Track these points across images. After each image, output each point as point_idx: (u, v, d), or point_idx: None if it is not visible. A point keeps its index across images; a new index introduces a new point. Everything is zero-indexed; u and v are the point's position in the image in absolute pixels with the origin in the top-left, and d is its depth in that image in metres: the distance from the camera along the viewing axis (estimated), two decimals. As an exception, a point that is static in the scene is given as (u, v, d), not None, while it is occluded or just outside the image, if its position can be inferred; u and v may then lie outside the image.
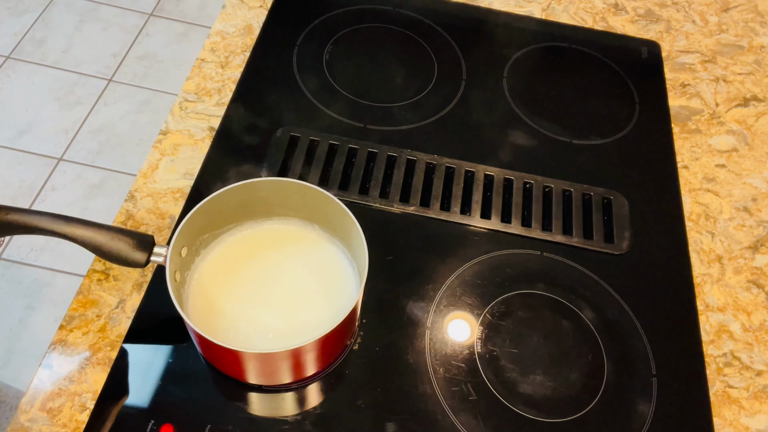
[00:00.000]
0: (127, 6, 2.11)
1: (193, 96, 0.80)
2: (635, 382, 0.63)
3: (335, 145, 0.76)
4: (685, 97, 0.89)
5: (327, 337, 0.52)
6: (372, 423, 0.58)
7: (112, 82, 1.92)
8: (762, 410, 0.63)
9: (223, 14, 0.90)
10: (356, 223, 0.57)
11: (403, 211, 0.72)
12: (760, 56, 0.96)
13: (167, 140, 0.75)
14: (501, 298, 0.67)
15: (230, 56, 0.85)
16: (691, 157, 0.83)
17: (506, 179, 0.76)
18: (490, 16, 0.96)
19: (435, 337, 0.63)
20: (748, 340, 0.68)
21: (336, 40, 0.89)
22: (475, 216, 0.73)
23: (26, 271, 1.54)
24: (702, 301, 0.70)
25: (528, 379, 0.62)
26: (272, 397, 0.58)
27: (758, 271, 0.73)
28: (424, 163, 0.76)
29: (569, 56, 0.92)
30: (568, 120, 0.84)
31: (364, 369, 0.61)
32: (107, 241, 0.53)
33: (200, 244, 0.61)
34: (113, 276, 0.64)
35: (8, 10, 2.04)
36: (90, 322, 0.61)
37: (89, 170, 1.73)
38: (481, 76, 0.88)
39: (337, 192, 0.72)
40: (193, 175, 0.72)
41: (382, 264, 0.66)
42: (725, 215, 0.77)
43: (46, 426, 0.55)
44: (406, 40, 0.90)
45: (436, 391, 0.60)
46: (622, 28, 0.97)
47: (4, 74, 1.89)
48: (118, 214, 0.68)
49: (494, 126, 0.83)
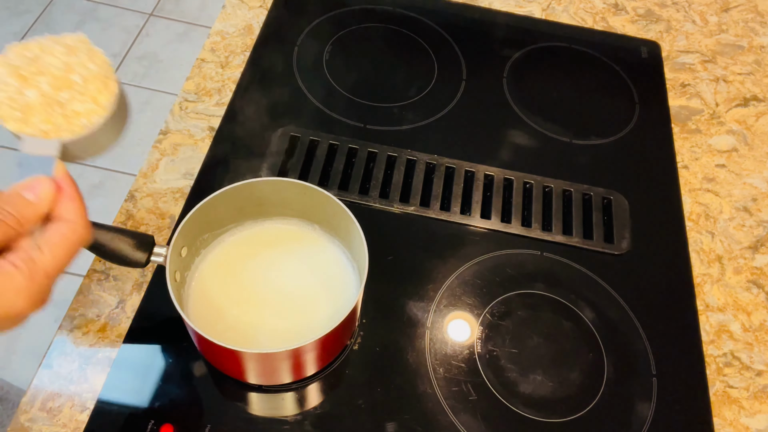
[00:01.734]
0: (127, 6, 2.11)
1: (193, 96, 0.80)
2: (635, 382, 0.63)
3: (335, 145, 0.76)
4: (685, 97, 0.89)
5: (327, 337, 0.52)
6: (372, 423, 0.58)
7: (112, 82, 1.92)
8: (762, 410, 0.63)
9: (223, 14, 0.90)
10: (356, 223, 0.57)
11: (403, 211, 0.72)
12: (760, 56, 0.96)
13: (167, 140, 0.75)
14: (501, 298, 0.67)
15: (230, 56, 0.85)
16: (691, 157, 0.83)
17: (506, 179, 0.76)
18: (490, 16, 0.96)
19: (435, 337, 0.63)
20: (748, 340, 0.68)
21: (336, 40, 0.89)
22: (475, 216, 0.73)
23: (26, 271, 1.53)
24: (702, 301, 0.70)
25: (528, 379, 0.62)
26: (272, 397, 0.58)
27: (758, 271, 0.73)
28: (424, 163, 0.76)
29: (569, 56, 0.92)
30: (568, 120, 0.84)
31: (364, 369, 0.61)
32: (107, 241, 0.53)
33: (200, 244, 0.61)
34: (113, 276, 0.64)
35: (8, 10, 2.04)
36: (90, 322, 0.61)
37: (89, 170, 1.73)
38: (481, 76, 0.88)
39: (337, 192, 0.72)
40: (193, 175, 0.72)
41: (382, 264, 0.66)
42: (725, 215, 0.77)
43: (46, 426, 0.55)
44: (406, 40, 0.90)
45: (436, 391, 0.60)
46: (622, 28, 0.97)
47: (4, 74, 1.89)
48: (118, 214, 0.68)
49: (494, 126, 0.83)
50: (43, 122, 0.41)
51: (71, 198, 0.41)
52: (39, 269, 0.38)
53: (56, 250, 0.39)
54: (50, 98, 0.41)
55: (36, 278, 0.38)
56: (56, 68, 0.42)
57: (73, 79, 0.42)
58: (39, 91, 0.41)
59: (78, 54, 0.42)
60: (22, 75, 0.41)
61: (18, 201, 0.40)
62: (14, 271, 0.37)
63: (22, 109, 0.41)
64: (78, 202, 0.42)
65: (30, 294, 0.38)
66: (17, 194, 0.40)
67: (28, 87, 0.41)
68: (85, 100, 0.42)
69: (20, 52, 0.42)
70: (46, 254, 0.39)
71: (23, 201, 0.40)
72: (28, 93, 0.41)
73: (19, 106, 0.41)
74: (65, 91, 0.41)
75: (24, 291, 0.38)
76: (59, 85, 0.41)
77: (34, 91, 0.41)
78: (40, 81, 0.41)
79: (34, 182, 0.41)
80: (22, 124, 0.42)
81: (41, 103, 0.41)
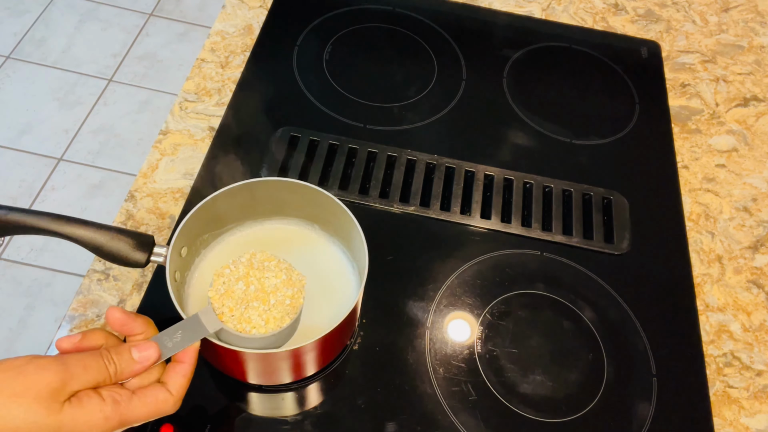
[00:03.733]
0: (127, 6, 2.11)
1: (193, 96, 0.80)
2: (635, 382, 0.63)
3: (335, 145, 0.76)
4: (685, 97, 0.89)
5: (327, 337, 0.52)
6: (372, 423, 0.58)
7: (112, 82, 1.92)
8: (762, 410, 0.63)
9: (223, 14, 0.90)
10: (356, 223, 0.57)
11: (403, 211, 0.72)
12: (760, 56, 0.96)
13: (167, 140, 0.75)
14: (501, 298, 0.67)
15: (230, 56, 0.85)
16: (691, 157, 0.83)
17: (506, 179, 0.76)
18: (490, 16, 0.96)
19: (435, 337, 0.63)
20: (748, 340, 0.68)
21: (336, 40, 0.89)
22: (475, 216, 0.73)
23: (26, 271, 1.54)
24: (702, 301, 0.70)
25: (528, 379, 0.62)
26: (272, 397, 0.58)
27: (758, 271, 0.73)
28: (424, 163, 0.76)
29: (569, 56, 0.92)
30: (568, 120, 0.84)
31: (364, 369, 0.61)
32: (107, 241, 0.53)
33: (200, 244, 0.61)
34: (113, 276, 0.64)
35: (8, 10, 2.04)
36: (90, 322, 0.61)
37: (89, 170, 1.73)
38: (481, 76, 0.88)
39: (337, 192, 0.72)
40: (193, 175, 0.72)
41: (382, 264, 0.66)
42: (725, 215, 0.77)
43: (46, 426, 0.55)
44: (406, 40, 0.90)
45: (436, 391, 0.60)
46: (622, 28, 0.97)
47: (4, 74, 1.89)
48: (118, 214, 0.68)
49: (494, 126, 0.83)
50: (228, 308, 0.51)
51: (183, 375, 0.46)
52: (119, 413, 0.42)
53: (142, 408, 0.43)
54: (246, 299, 0.51)
55: (111, 419, 0.41)
56: (269, 284, 0.52)
57: (270, 299, 0.52)
58: (245, 289, 0.52)
59: (291, 288, 0.53)
60: (246, 273, 0.53)
61: (125, 356, 0.44)
62: (100, 404, 0.41)
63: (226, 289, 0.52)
64: (186, 382, 0.46)
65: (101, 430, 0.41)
66: (127, 349, 0.44)
67: (242, 281, 0.52)
68: (267, 318, 0.51)
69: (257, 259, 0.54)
70: (132, 404, 0.43)
71: (128, 357, 0.44)
72: (239, 284, 0.52)
73: (225, 287, 0.52)
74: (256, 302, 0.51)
75: (97, 427, 0.41)
76: (258, 296, 0.52)
77: (242, 285, 0.52)
78: (251, 282, 0.52)
79: (144, 345, 0.45)
80: (217, 299, 0.51)
81: (239, 296, 0.51)
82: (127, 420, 0.42)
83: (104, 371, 0.42)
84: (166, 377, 0.46)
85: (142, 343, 0.45)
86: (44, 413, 0.39)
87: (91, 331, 0.46)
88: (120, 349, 0.44)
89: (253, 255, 0.54)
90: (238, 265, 0.53)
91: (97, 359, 0.42)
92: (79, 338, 0.45)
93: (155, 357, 0.45)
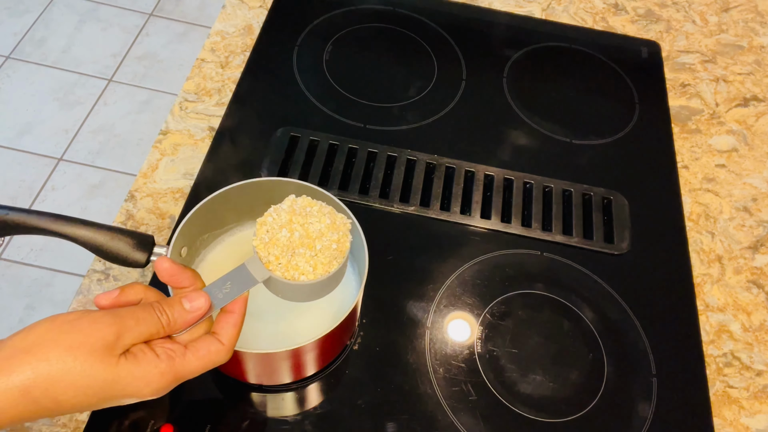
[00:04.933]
0: (127, 6, 2.11)
1: (193, 96, 0.80)
2: (635, 382, 0.63)
3: (335, 145, 0.76)
4: (685, 97, 0.89)
5: (327, 337, 0.52)
6: (372, 423, 0.58)
7: (112, 82, 1.92)
8: (762, 410, 0.63)
9: (223, 14, 0.90)
10: (356, 223, 0.57)
11: (403, 211, 0.72)
12: (760, 56, 0.96)
13: (167, 140, 0.75)
14: (501, 298, 0.67)
15: (230, 56, 0.85)
16: (691, 157, 0.83)
17: (506, 179, 0.76)
18: (490, 16, 0.96)
19: (435, 337, 0.63)
20: (748, 340, 0.68)
21: (336, 40, 0.89)
22: (475, 216, 0.73)
23: (26, 271, 1.54)
24: (702, 301, 0.70)
25: (528, 379, 0.62)
26: (272, 397, 0.58)
27: (758, 271, 0.73)
28: (424, 163, 0.76)
29: (569, 56, 0.92)
30: (568, 120, 0.84)
31: (364, 369, 0.61)
32: (107, 241, 0.53)
33: (200, 244, 0.61)
34: (113, 276, 0.64)
35: (8, 10, 2.04)
36: (90, 322, 0.61)
37: (89, 170, 1.73)
38: (481, 76, 0.88)
39: (337, 192, 0.72)
40: (193, 175, 0.72)
41: (382, 264, 0.66)
42: (725, 215, 0.77)
43: (46, 426, 0.55)
44: (406, 40, 0.90)
45: (436, 391, 0.60)
46: (622, 28, 0.97)
47: (4, 74, 1.89)
48: (118, 214, 0.68)
49: (494, 126, 0.83)
50: (274, 256, 0.49)
51: (234, 325, 0.45)
52: (174, 368, 0.41)
53: (196, 361, 0.43)
54: (291, 245, 0.49)
55: (167, 374, 0.41)
56: (313, 230, 0.50)
57: (316, 245, 0.49)
58: (290, 236, 0.49)
59: (336, 232, 0.50)
60: (289, 220, 0.50)
61: (176, 307, 0.43)
62: (155, 360, 0.41)
63: (270, 238, 0.49)
64: (237, 332, 0.45)
65: (157, 386, 0.41)
66: (178, 301, 0.44)
67: (286, 228, 0.50)
68: (314, 264, 0.49)
69: (298, 205, 0.51)
70: (186, 358, 0.42)
71: (180, 308, 0.43)
72: (283, 232, 0.49)
73: (269, 235, 0.49)
74: (302, 248, 0.49)
75: (154, 382, 0.40)
76: (304, 242, 0.49)
77: (286, 233, 0.49)
78: (296, 229, 0.49)
79: (194, 295, 0.44)
80: (262, 247, 0.49)
81: (284, 244, 0.49)
82: (182, 374, 0.42)
83: (157, 323, 0.42)
84: (217, 328, 0.45)
85: (193, 293, 0.44)
86: (100, 367, 0.38)
87: (129, 286, 0.45)
88: (171, 300, 0.44)
89: (294, 201, 0.51)
90: (280, 213, 0.51)
91: (149, 311, 0.42)
92: (117, 293, 0.44)
93: (206, 307, 0.44)
